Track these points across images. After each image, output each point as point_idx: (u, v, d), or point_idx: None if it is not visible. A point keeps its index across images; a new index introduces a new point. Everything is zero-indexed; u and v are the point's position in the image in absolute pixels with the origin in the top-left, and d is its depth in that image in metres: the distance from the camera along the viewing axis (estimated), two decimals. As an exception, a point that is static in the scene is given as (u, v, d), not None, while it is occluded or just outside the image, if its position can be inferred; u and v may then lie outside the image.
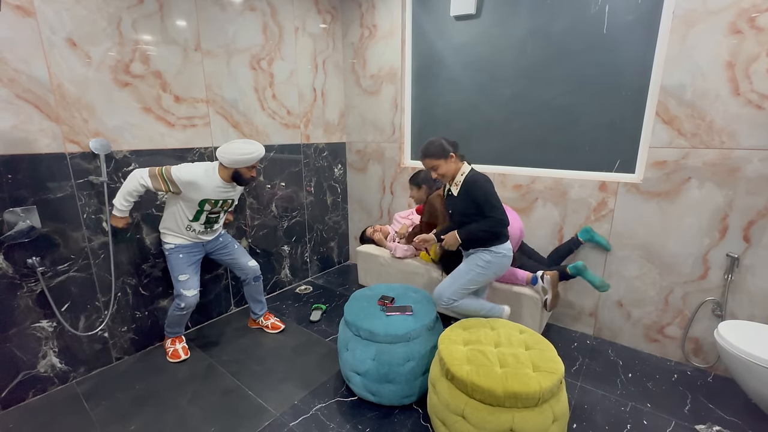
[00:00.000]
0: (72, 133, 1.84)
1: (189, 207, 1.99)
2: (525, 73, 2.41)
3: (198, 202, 1.96)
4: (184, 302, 2.05)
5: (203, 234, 2.12)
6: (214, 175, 1.95)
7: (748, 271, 1.89)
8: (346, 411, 1.78)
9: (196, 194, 1.93)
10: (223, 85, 2.41)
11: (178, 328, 2.23)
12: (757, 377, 1.54)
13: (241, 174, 1.97)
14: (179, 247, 2.06)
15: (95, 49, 1.86)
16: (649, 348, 2.24)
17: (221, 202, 2.04)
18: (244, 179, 1.99)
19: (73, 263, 1.91)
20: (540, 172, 2.45)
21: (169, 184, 1.88)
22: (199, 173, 1.92)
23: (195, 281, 2.09)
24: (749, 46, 1.73)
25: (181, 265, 2.05)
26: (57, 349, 1.91)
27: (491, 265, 1.82)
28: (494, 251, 1.81)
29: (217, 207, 2.04)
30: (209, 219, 2.07)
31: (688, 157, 1.94)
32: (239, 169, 1.95)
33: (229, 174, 1.96)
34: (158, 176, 1.87)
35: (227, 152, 1.90)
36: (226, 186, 2.00)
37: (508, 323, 1.70)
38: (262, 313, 2.48)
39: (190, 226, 2.04)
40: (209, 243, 2.20)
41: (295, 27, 2.80)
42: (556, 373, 1.36)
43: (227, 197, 2.05)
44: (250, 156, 1.91)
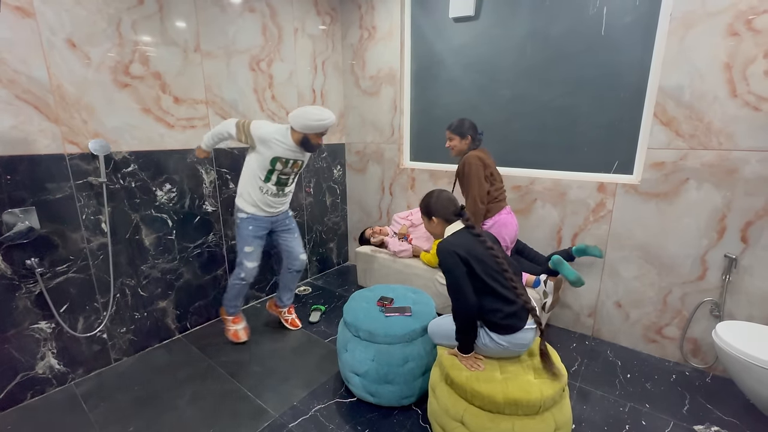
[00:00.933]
0: (71, 134, 1.84)
1: (261, 167, 2.04)
2: (524, 75, 2.41)
3: (270, 159, 2.01)
4: (245, 272, 2.15)
5: (275, 197, 2.14)
6: (286, 137, 2.01)
7: (746, 271, 1.90)
8: (346, 412, 1.78)
9: (268, 151, 2.00)
10: (223, 86, 2.42)
11: (236, 302, 2.27)
12: (755, 377, 1.55)
13: (309, 140, 2.00)
14: (251, 218, 2.12)
15: (95, 50, 1.86)
16: (647, 348, 2.24)
17: (291, 162, 2.08)
18: (311, 145, 2.03)
19: (72, 264, 1.91)
20: (539, 173, 2.45)
21: (247, 137, 1.99)
22: (272, 131, 1.99)
23: (258, 255, 2.18)
24: (747, 48, 1.74)
25: (248, 237, 2.13)
26: (56, 351, 1.90)
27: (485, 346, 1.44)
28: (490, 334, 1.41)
29: (287, 168, 2.08)
30: (280, 180, 2.11)
31: (686, 158, 1.95)
32: (308, 135, 1.98)
33: (299, 138, 2.01)
34: (240, 127, 1.99)
35: (299, 116, 1.93)
36: (295, 148, 2.04)
37: None
38: (289, 303, 2.51)
39: (263, 188, 2.08)
40: (278, 219, 2.24)
41: (295, 28, 2.80)
42: (559, 381, 1.35)
43: (297, 158, 2.09)
44: (320, 123, 1.94)
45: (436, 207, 1.49)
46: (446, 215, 1.47)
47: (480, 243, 1.41)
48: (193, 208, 2.37)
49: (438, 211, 1.48)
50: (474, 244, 1.40)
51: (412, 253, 2.75)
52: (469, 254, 1.36)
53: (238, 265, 2.18)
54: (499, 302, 1.38)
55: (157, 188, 2.19)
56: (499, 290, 1.37)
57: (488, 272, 1.37)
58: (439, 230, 1.52)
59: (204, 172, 2.40)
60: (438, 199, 1.49)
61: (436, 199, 1.50)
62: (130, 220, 2.10)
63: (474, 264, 1.36)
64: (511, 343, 1.40)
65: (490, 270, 1.37)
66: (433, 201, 1.50)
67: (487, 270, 1.37)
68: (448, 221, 1.48)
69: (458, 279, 1.35)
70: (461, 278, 1.35)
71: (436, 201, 1.49)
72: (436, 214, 1.49)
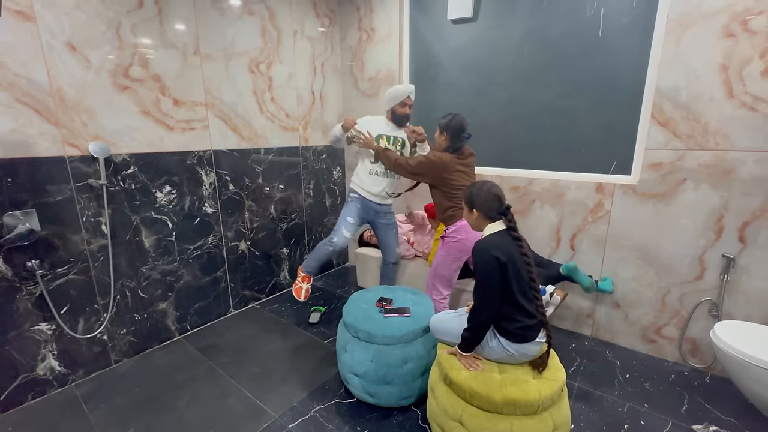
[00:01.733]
0: (71, 136, 1.85)
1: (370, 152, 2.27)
2: (522, 76, 2.42)
3: (375, 137, 2.25)
4: (338, 237, 2.28)
5: (384, 177, 2.32)
6: (382, 118, 2.33)
7: (744, 271, 1.90)
8: (345, 412, 1.79)
9: (372, 129, 2.26)
10: (222, 89, 2.43)
11: (313, 263, 2.36)
12: (753, 377, 1.55)
13: (395, 111, 2.25)
14: (360, 198, 2.34)
15: (94, 53, 1.87)
16: (646, 349, 2.25)
17: (393, 138, 2.30)
18: (398, 115, 2.26)
19: (72, 266, 1.91)
20: (537, 174, 2.46)
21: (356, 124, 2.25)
22: (370, 117, 2.36)
23: (354, 229, 2.32)
24: (742, 49, 1.75)
25: (354, 210, 2.32)
26: (56, 352, 1.91)
27: (491, 348, 1.42)
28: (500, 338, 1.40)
29: (390, 144, 2.29)
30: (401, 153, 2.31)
31: (683, 158, 1.96)
32: (394, 108, 2.25)
33: (390, 115, 2.29)
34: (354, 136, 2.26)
35: (385, 98, 2.28)
36: (392, 126, 2.31)
37: None
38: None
39: (372, 170, 2.31)
40: (381, 209, 2.39)
41: (294, 30, 2.82)
42: (557, 381, 1.34)
43: (397, 135, 2.32)
44: (398, 92, 2.21)
45: (478, 200, 1.39)
46: (488, 212, 1.39)
47: (518, 248, 1.34)
48: (192, 209, 2.38)
49: (480, 205, 1.39)
50: (513, 248, 1.33)
51: (414, 254, 2.76)
52: (508, 260, 1.30)
53: (335, 232, 2.30)
54: (520, 313, 1.35)
55: (156, 190, 2.20)
56: (523, 302, 1.34)
57: (519, 282, 1.32)
58: (478, 225, 1.44)
59: (204, 173, 2.41)
60: (481, 192, 1.39)
61: (478, 191, 1.40)
62: (130, 222, 2.11)
63: (510, 271, 1.30)
64: (519, 352, 1.39)
65: (521, 281, 1.33)
66: (476, 192, 1.40)
67: (519, 280, 1.32)
68: (491, 219, 1.40)
69: (491, 287, 1.30)
70: (495, 286, 1.30)
71: (478, 193, 1.40)
72: (478, 207, 1.40)
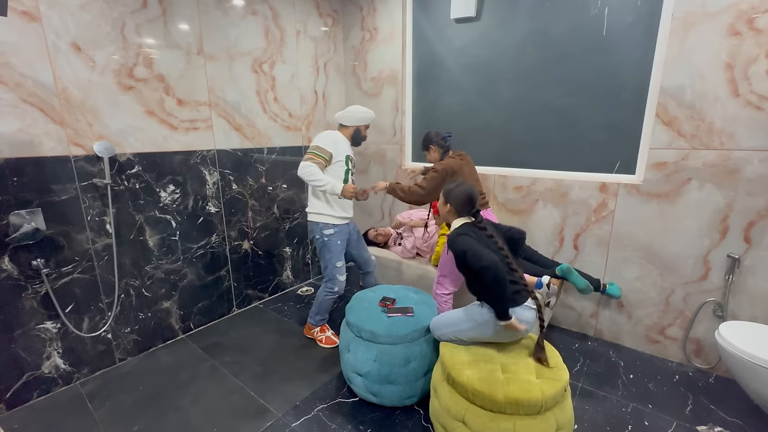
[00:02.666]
0: (76, 136, 1.87)
1: (338, 173, 2.13)
2: (525, 75, 2.42)
3: (345, 158, 2.13)
4: (338, 286, 2.23)
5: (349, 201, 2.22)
6: (340, 135, 2.17)
7: (749, 271, 1.89)
8: (348, 412, 1.79)
9: (341, 150, 2.12)
10: (226, 89, 2.44)
11: (325, 314, 2.34)
12: (758, 378, 1.54)
13: (360, 131, 2.20)
14: (337, 231, 2.17)
15: (99, 54, 1.89)
16: (650, 349, 2.24)
17: (353, 159, 2.23)
18: (361, 137, 2.22)
19: (77, 265, 1.93)
20: (540, 174, 2.45)
21: (323, 155, 2.06)
22: (332, 133, 2.14)
23: (344, 269, 2.27)
24: (748, 47, 1.73)
25: (338, 251, 2.19)
26: (61, 350, 1.93)
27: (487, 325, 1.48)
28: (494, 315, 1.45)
29: (353, 165, 2.22)
30: (352, 181, 2.23)
31: (688, 158, 1.95)
32: (359, 127, 2.19)
33: (349, 133, 2.19)
34: (313, 156, 2.04)
35: (350, 113, 2.16)
36: (347, 144, 2.20)
37: None
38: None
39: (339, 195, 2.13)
40: (351, 227, 2.31)
41: (297, 30, 2.82)
42: (560, 381, 1.34)
43: (353, 155, 2.24)
44: (369, 115, 2.18)
45: (453, 197, 1.54)
46: (459, 210, 1.54)
47: (483, 233, 1.50)
48: (196, 209, 2.39)
49: (453, 201, 1.54)
50: (478, 234, 1.48)
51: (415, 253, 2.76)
52: (479, 240, 1.45)
53: (330, 281, 2.22)
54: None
55: (160, 189, 2.21)
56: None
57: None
58: (448, 218, 1.59)
59: (207, 173, 2.42)
60: (458, 190, 1.54)
61: (456, 188, 1.55)
62: (134, 221, 2.12)
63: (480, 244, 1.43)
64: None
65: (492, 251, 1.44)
66: (453, 189, 1.55)
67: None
68: (459, 214, 1.55)
69: (473, 246, 1.39)
70: (475, 245, 1.39)
71: (455, 190, 1.54)
72: (452, 203, 1.55)
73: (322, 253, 2.20)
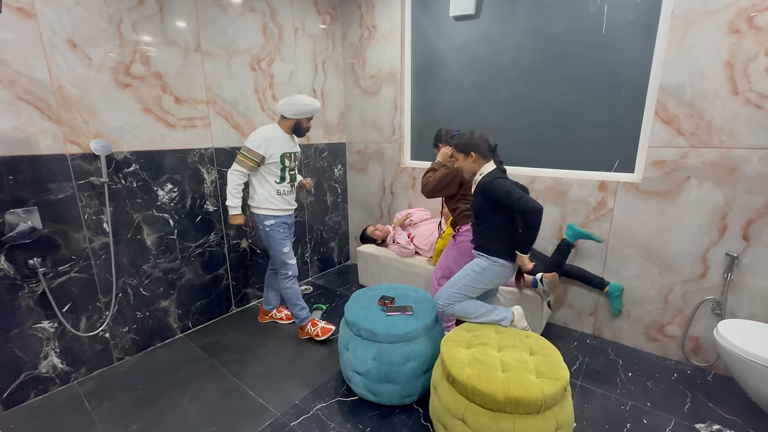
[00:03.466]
0: (73, 134, 1.85)
1: (273, 172, 2.13)
2: (524, 73, 2.41)
3: (280, 157, 2.11)
4: (291, 270, 2.25)
5: (290, 195, 2.25)
6: (277, 129, 2.13)
7: (748, 270, 1.89)
8: (347, 410, 1.79)
9: (277, 149, 2.09)
10: (224, 86, 2.42)
11: (301, 302, 2.32)
12: (757, 376, 1.54)
13: (301, 124, 2.14)
14: (278, 221, 2.19)
15: (96, 51, 1.87)
16: (649, 347, 2.24)
17: (293, 155, 2.21)
18: (303, 129, 2.16)
19: (74, 264, 1.92)
20: (539, 172, 2.45)
21: (254, 157, 2.05)
22: (265, 131, 2.10)
23: (293, 252, 2.29)
24: (748, 45, 1.73)
25: (281, 239, 2.21)
26: (58, 350, 1.91)
27: (486, 272, 1.67)
28: (492, 260, 1.66)
29: (292, 162, 2.21)
30: (291, 176, 2.23)
31: (687, 156, 1.95)
32: (300, 120, 2.12)
33: (290, 126, 2.14)
34: (243, 159, 2.05)
35: (290, 104, 2.08)
36: (288, 138, 2.17)
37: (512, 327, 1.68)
38: (276, 305, 2.57)
39: (279, 191, 2.18)
40: (292, 218, 2.33)
41: (295, 28, 2.81)
42: (561, 380, 1.33)
43: (294, 150, 2.22)
44: (311, 107, 2.10)
45: (472, 144, 1.64)
46: (483, 151, 1.64)
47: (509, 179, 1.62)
48: (194, 207, 2.38)
49: (475, 146, 1.63)
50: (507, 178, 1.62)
51: (414, 252, 2.76)
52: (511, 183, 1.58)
53: (282, 267, 2.25)
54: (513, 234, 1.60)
55: (158, 188, 2.20)
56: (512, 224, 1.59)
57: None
58: (475, 167, 1.67)
59: (205, 171, 2.40)
60: (473, 137, 1.65)
61: (470, 137, 1.65)
62: (131, 220, 2.11)
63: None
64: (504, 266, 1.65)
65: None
66: (468, 139, 1.65)
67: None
68: (485, 158, 1.65)
69: (515, 189, 1.54)
70: (516, 188, 1.55)
71: (470, 139, 1.65)
72: (476, 149, 1.64)
73: (268, 242, 2.24)
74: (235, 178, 2.08)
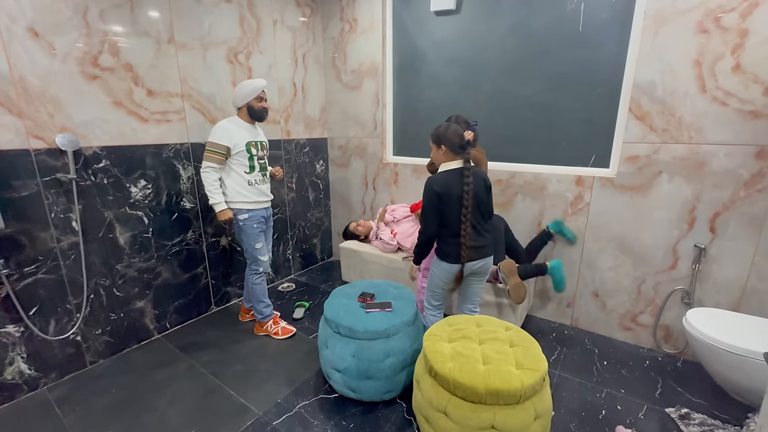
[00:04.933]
0: (36, 128, 1.75)
1: (241, 162, 2.11)
2: (505, 70, 2.43)
3: (246, 146, 2.09)
4: (262, 266, 2.25)
5: (263, 184, 2.22)
6: (237, 120, 2.13)
7: (714, 260, 1.98)
8: (330, 408, 1.78)
9: (240, 138, 2.08)
10: (199, 79, 2.34)
11: (267, 299, 2.32)
12: (722, 361, 1.62)
13: (252, 107, 2.11)
14: (253, 215, 2.17)
15: (60, 40, 1.77)
16: (623, 336, 2.32)
17: (260, 143, 2.19)
18: (256, 110, 2.13)
19: (41, 265, 1.83)
20: (519, 167, 2.49)
21: (221, 150, 2.04)
22: (225, 122, 2.09)
23: (267, 247, 2.29)
24: (715, 45, 1.80)
25: (255, 234, 2.19)
26: (25, 355, 1.83)
27: (433, 271, 1.82)
28: (435, 259, 1.81)
29: (259, 150, 2.19)
30: (261, 165, 2.21)
31: (659, 152, 2.01)
32: (250, 103, 2.10)
33: (245, 114, 2.13)
34: (211, 154, 2.03)
35: (235, 93, 2.10)
36: (250, 127, 2.16)
37: (493, 320, 1.68)
38: None
39: (250, 181, 2.15)
40: (269, 212, 2.31)
41: (274, 20, 2.74)
42: (539, 371, 1.35)
43: (260, 139, 2.21)
44: (253, 85, 2.08)
45: (447, 137, 1.64)
46: (453, 147, 1.64)
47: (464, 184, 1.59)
48: (170, 204, 2.31)
49: (449, 141, 1.64)
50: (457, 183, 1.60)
51: (397, 248, 2.76)
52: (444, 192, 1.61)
53: (253, 263, 2.25)
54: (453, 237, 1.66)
55: (131, 185, 2.12)
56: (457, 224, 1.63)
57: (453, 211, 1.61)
58: (443, 160, 1.69)
59: (181, 167, 2.33)
60: (447, 131, 1.65)
61: (445, 130, 1.66)
62: (103, 218, 2.02)
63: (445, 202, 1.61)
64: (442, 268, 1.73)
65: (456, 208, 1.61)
66: (443, 131, 1.66)
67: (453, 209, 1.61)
68: (454, 153, 1.65)
69: (429, 212, 1.65)
70: (431, 212, 1.65)
71: (445, 132, 1.66)
72: (447, 143, 1.65)
73: (241, 237, 2.22)
74: (209, 176, 2.05)
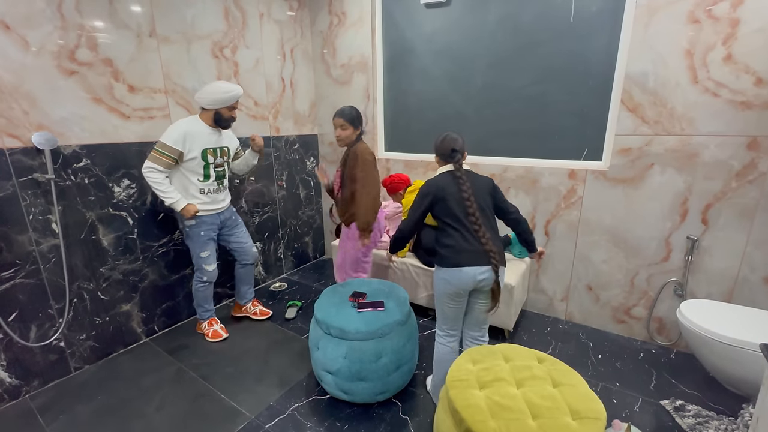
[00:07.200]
0: (10, 126, 1.68)
1: (195, 169, 2.00)
2: (496, 63, 2.40)
3: (201, 153, 1.98)
4: (206, 275, 2.17)
5: (218, 192, 2.13)
6: (198, 122, 2.00)
7: (706, 252, 1.99)
8: (324, 409, 1.75)
9: (196, 144, 1.95)
10: (183, 74, 2.27)
11: (207, 305, 2.28)
12: (715, 352, 1.63)
13: (221, 114, 2.00)
14: (199, 222, 2.07)
15: (33, 34, 1.69)
16: (617, 329, 2.32)
17: (219, 150, 2.08)
18: (224, 119, 2.02)
19: (19, 269, 1.75)
20: (512, 161, 2.47)
21: (171, 154, 1.90)
22: (184, 124, 1.95)
23: (215, 256, 2.20)
24: (706, 35, 1.78)
25: (201, 242, 2.11)
26: (5, 363, 1.76)
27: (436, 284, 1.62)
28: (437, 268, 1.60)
29: (218, 158, 2.08)
30: (217, 173, 2.11)
31: (651, 143, 2.00)
32: (219, 110, 1.99)
33: (211, 117, 2.00)
34: (158, 156, 1.89)
35: (207, 93, 1.94)
36: (212, 131, 2.03)
37: (520, 349, 1.42)
38: (251, 297, 2.51)
39: (203, 189, 2.05)
40: (224, 215, 2.21)
41: (260, 13, 2.67)
42: (600, 419, 1.09)
43: (221, 145, 2.09)
44: (230, 94, 1.96)
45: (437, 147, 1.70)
46: (443, 155, 1.67)
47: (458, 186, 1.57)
48: (155, 204, 2.24)
49: (437, 149, 1.70)
50: (452, 186, 1.58)
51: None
52: (437, 193, 1.58)
53: (198, 270, 2.19)
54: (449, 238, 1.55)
55: (114, 184, 2.05)
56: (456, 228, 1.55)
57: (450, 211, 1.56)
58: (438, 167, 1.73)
59: (166, 166, 2.26)
60: (437, 140, 1.70)
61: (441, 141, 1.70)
62: (84, 220, 1.95)
63: (439, 203, 1.58)
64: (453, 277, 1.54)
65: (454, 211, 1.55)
66: (440, 143, 1.70)
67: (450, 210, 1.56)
68: (444, 160, 1.67)
69: (416, 211, 1.63)
70: (418, 212, 1.62)
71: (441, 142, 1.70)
72: (437, 152, 1.71)
73: (188, 243, 2.16)
74: (153, 176, 1.89)
